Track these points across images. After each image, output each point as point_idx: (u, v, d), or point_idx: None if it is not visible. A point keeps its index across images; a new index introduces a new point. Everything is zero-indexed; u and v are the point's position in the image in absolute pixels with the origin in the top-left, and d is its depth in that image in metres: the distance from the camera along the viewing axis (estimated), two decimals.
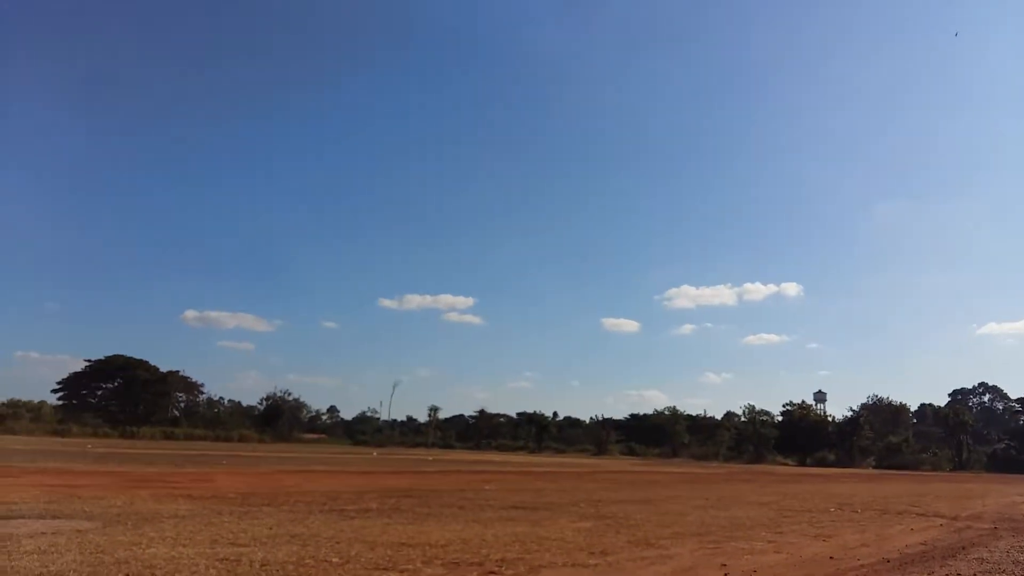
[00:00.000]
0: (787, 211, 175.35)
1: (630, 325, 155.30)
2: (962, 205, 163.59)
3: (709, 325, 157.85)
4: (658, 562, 10.02)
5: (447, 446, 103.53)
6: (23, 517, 11.93)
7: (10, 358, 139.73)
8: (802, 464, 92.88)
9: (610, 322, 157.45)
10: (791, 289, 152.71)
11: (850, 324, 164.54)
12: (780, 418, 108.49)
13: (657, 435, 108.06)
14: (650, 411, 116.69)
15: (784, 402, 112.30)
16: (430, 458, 59.10)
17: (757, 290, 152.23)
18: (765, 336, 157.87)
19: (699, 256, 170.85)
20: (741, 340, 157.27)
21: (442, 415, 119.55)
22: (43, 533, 10.23)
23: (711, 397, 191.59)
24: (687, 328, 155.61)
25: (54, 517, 12.14)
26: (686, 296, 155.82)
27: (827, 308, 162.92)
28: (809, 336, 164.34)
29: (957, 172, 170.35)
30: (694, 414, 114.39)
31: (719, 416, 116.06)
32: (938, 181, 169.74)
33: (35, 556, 8.31)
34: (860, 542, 13.33)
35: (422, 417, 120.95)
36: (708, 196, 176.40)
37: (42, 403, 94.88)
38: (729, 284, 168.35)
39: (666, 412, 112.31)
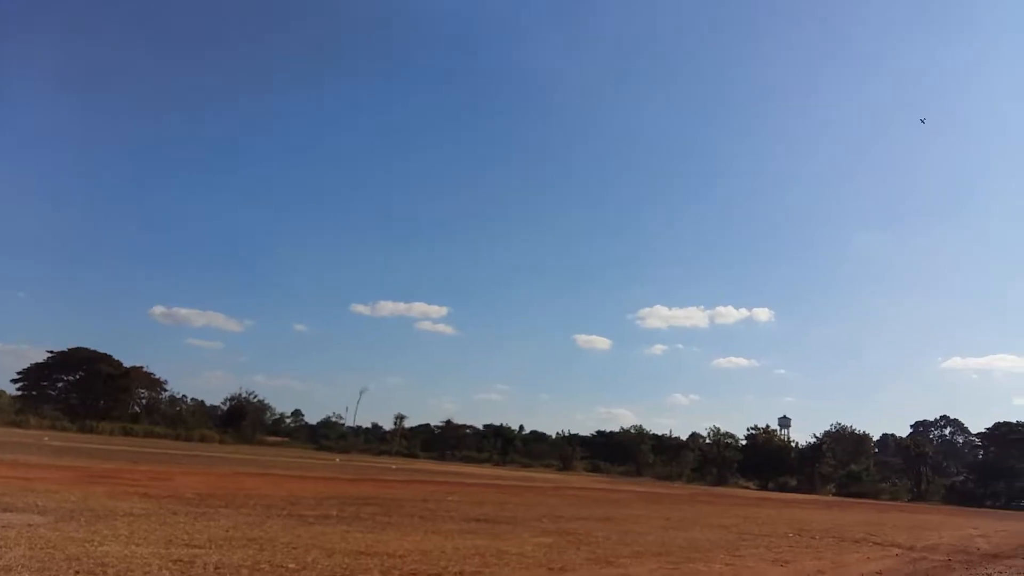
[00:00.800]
0: (764, 237, 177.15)
1: (602, 342, 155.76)
2: (938, 238, 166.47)
3: (680, 346, 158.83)
4: None
5: (412, 455, 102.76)
6: None
7: None
8: (764, 488, 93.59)
9: (583, 338, 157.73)
10: (762, 314, 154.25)
11: (818, 351, 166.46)
12: (744, 441, 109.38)
13: (623, 453, 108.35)
14: (617, 429, 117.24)
15: (749, 426, 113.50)
16: (393, 467, 58.63)
17: (729, 313, 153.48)
18: (734, 359, 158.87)
19: (674, 277, 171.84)
20: (710, 362, 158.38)
21: (409, 424, 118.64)
22: None
23: (678, 417, 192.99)
24: (658, 348, 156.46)
25: (5, 510, 11.85)
26: (659, 316, 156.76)
27: (797, 335, 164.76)
28: (777, 361, 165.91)
29: (935, 205, 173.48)
30: (660, 434, 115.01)
31: (685, 437, 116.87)
32: (915, 213, 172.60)
33: None
34: (816, 569, 13.45)
35: (388, 425, 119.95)
36: (686, 218, 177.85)
37: (0, 392, 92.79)
38: (702, 306, 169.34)
39: (632, 431, 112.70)
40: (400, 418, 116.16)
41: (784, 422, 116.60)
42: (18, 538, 9.16)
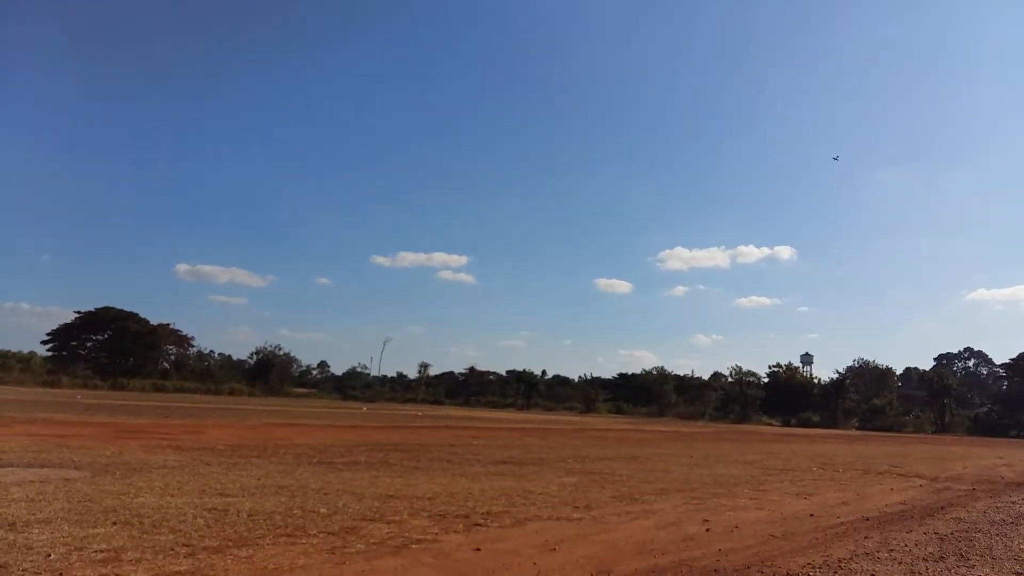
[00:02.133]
0: (784, 175, 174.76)
1: (623, 286, 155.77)
2: (959, 172, 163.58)
3: (701, 287, 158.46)
4: (642, 517, 10.16)
5: (436, 402, 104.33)
6: (12, 466, 11.98)
7: (0, 309, 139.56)
8: (787, 424, 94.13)
9: (603, 282, 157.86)
10: (784, 252, 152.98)
11: (842, 288, 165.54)
12: (766, 379, 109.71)
13: (645, 394, 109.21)
14: (639, 371, 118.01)
15: (771, 364, 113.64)
16: (419, 413, 59.59)
17: (750, 253, 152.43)
18: (756, 299, 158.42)
19: (693, 218, 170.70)
20: (732, 302, 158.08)
21: (432, 372, 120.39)
22: (31, 481, 10.28)
23: (700, 358, 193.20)
24: (679, 290, 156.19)
25: (43, 466, 12.18)
26: (679, 258, 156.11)
27: (820, 272, 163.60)
28: (800, 299, 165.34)
29: (955, 140, 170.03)
30: (682, 374, 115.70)
31: (707, 377, 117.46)
32: (936, 148, 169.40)
33: (23, 504, 8.35)
34: (841, 500, 13.56)
35: (412, 373, 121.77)
36: (705, 159, 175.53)
37: (32, 354, 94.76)
38: (723, 247, 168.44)
39: (654, 372, 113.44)
40: (424, 366, 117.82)
41: (807, 359, 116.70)
42: (56, 492, 9.43)
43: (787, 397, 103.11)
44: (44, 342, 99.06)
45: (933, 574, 7.53)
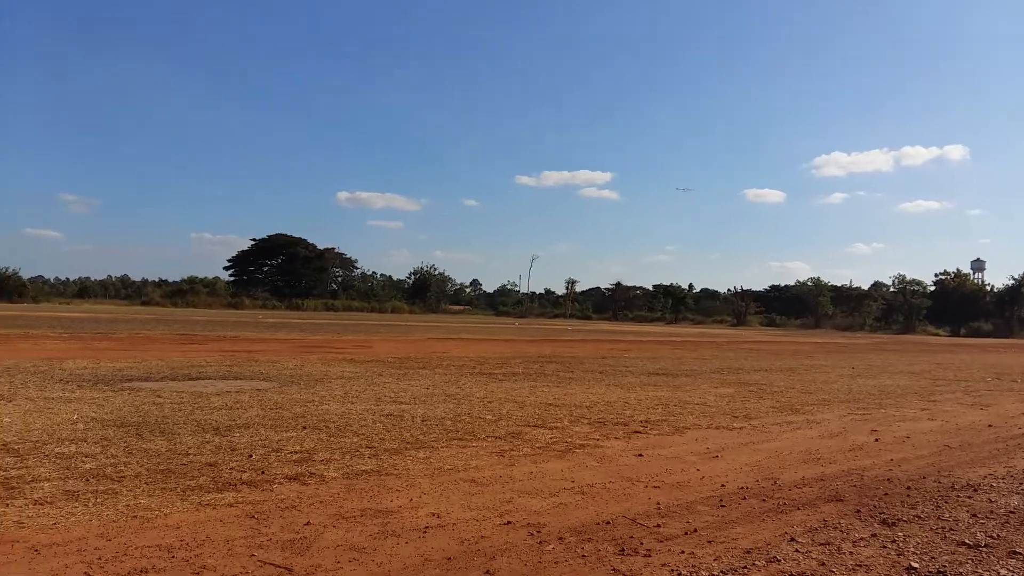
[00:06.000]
0: (955, 65, 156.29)
1: (775, 195, 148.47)
2: None
3: (861, 193, 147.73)
4: (804, 427, 9.99)
5: (584, 317, 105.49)
6: (210, 378, 13.48)
7: (186, 239, 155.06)
8: (955, 335, 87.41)
9: (753, 193, 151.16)
10: (955, 152, 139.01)
11: (1019, 189, 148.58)
12: (932, 288, 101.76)
13: (799, 306, 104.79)
14: (792, 282, 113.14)
15: (938, 271, 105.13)
16: (569, 328, 60.59)
17: (917, 154, 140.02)
18: (922, 203, 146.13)
19: (852, 119, 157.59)
20: (895, 208, 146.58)
21: (578, 288, 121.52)
22: (228, 392, 11.54)
23: (859, 268, 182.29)
24: (836, 197, 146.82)
25: (236, 378, 13.63)
26: (836, 163, 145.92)
27: (995, 172, 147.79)
28: (971, 202, 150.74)
29: None
30: (839, 284, 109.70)
31: (866, 287, 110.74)
32: None
33: (223, 411, 9.42)
34: (1020, 411, 12.62)
35: (560, 290, 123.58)
36: (863, 51, 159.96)
37: (216, 279, 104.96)
38: (885, 148, 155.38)
39: (809, 283, 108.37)
40: (571, 282, 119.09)
41: (978, 265, 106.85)
42: (251, 401, 10.55)
43: (955, 306, 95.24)
44: (226, 268, 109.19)
45: None
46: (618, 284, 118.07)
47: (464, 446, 7.68)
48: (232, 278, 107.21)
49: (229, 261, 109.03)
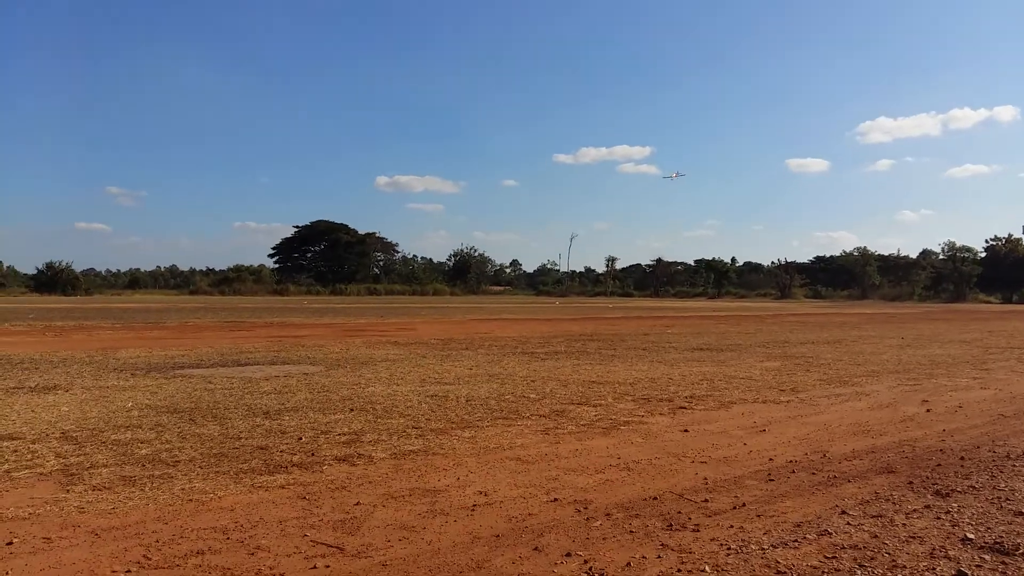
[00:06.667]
0: (1002, 22, 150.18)
1: (818, 164, 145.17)
2: None
3: (908, 159, 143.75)
4: (853, 399, 9.81)
5: (625, 294, 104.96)
6: (258, 364, 13.75)
7: (230, 228, 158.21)
8: (1008, 302, 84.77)
9: (796, 163, 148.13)
10: (1006, 113, 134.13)
11: None
12: (983, 254, 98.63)
13: (845, 277, 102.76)
14: (838, 252, 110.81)
15: (989, 237, 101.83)
16: (610, 305, 60.35)
17: (966, 116, 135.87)
18: (972, 167, 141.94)
19: (898, 82, 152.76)
20: (943, 173, 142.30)
21: (619, 265, 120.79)
22: (276, 376, 11.76)
23: (907, 236, 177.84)
24: (883, 164, 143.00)
25: (284, 363, 13.88)
26: (882, 129, 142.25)
27: None
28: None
29: None
30: (886, 254, 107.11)
31: (914, 255, 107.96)
32: None
33: (273, 396, 9.61)
34: None
35: (599, 267, 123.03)
36: (906, 10, 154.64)
37: (261, 266, 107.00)
38: (933, 112, 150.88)
39: (855, 253, 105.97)
40: (611, 260, 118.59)
41: None
42: (299, 385, 10.74)
43: (1008, 272, 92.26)
44: (270, 255, 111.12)
45: None
46: (659, 260, 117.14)
47: (509, 425, 7.72)
48: (276, 265, 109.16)
49: (273, 249, 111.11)
